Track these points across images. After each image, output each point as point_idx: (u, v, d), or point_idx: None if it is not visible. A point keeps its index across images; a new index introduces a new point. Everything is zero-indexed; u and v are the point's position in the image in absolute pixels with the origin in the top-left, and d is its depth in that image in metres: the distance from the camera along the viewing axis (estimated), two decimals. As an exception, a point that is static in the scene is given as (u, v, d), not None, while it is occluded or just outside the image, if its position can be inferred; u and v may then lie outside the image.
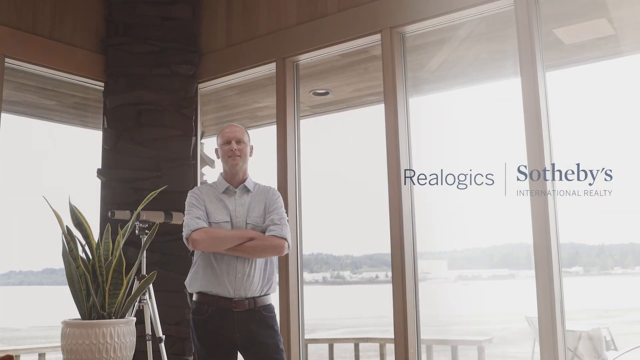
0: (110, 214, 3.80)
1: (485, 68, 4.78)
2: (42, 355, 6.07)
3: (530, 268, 3.29)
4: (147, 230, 3.75)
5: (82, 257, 2.04)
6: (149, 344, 3.71)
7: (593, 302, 21.35)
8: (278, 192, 2.92)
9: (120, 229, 2.09)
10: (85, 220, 2.10)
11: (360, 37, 4.09)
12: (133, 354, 2.03)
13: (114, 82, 4.76)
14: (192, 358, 4.47)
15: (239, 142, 2.83)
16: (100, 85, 4.87)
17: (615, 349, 6.22)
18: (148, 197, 2.25)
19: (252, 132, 2.99)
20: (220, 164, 2.92)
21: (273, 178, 4.35)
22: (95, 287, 2.01)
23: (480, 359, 6.50)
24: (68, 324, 1.95)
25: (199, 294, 2.76)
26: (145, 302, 3.72)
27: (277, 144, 4.39)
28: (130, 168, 4.61)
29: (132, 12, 4.79)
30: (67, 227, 2.07)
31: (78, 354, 1.90)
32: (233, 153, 2.80)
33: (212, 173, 5.33)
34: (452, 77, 4.86)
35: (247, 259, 2.73)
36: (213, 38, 4.93)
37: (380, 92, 3.96)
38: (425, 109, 4.44)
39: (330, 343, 7.22)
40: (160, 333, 3.75)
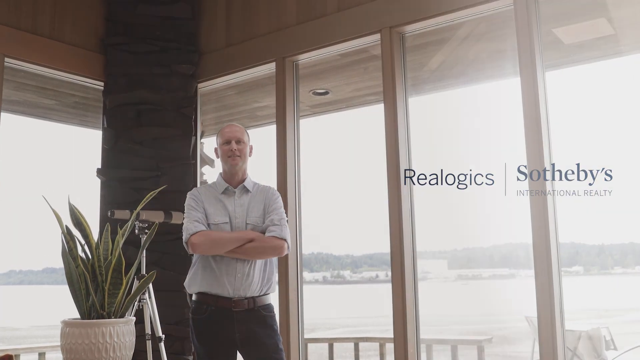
0: (110, 214, 3.80)
1: (485, 68, 4.78)
2: (42, 355, 6.07)
3: (531, 268, 3.29)
4: (146, 230, 3.75)
5: (81, 256, 2.03)
6: (149, 344, 3.71)
7: (593, 301, 21.35)
8: (277, 191, 2.92)
9: (120, 229, 2.09)
10: (85, 220, 2.10)
11: (360, 36, 4.09)
12: (133, 354, 2.04)
13: (114, 81, 4.76)
14: (191, 357, 4.48)
15: (239, 142, 2.82)
16: (100, 85, 4.87)
17: (615, 349, 6.22)
18: (148, 196, 2.25)
19: (251, 131, 2.99)
20: (220, 164, 2.92)
21: (273, 178, 4.36)
22: (95, 286, 2.01)
23: (480, 359, 6.50)
24: (67, 324, 1.95)
25: (199, 294, 2.76)
26: (145, 301, 3.72)
27: (276, 144, 4.39)
28: (130, 168, 4.61)
29: (131, 11, 4.80)
30: (66, 226, 2.07)
31: (77, 354, 1.90)
32: (233, 153, 2.80)
33: (212, 173, 5.34)
34: (451, 76, 4.86)
35: (246, 260, 2.72)
36: (213, 38, 4.94)
37: (380, 91, 3.96)
38: (425, 109, 4.44)
39: (330, 342, 7.23)
40: (160, 332, 3.75)
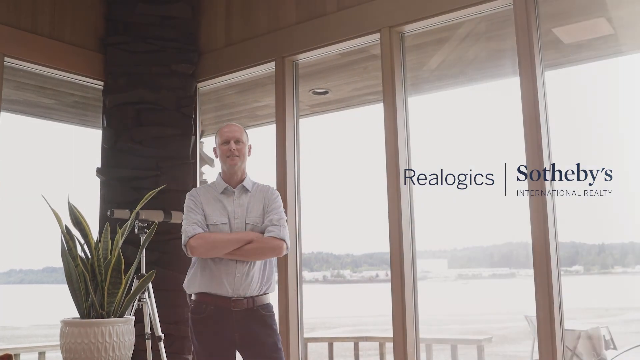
0: (110, 213, 3.81)
1: (485, 67, 4.78)
2: (42, 354, 6.07)
3: (531, 267, 3.29)
4: (146, 229, 3.76)
5: (81, 256, 2.04)
6: (148, 343, 3.72)
7: (593, 301, 21.36)
8: (277, 191, 2.91)
9: (120, 228, 2.10)
10: (84, 220, 2.10)
11: (360, 36, 4.09)
12: (132, 353, 2.04)
13: (114, 81, 4.76)
14: (191, 357, 4.48)
15: (238, 141, 2.82)
16: (100, 84, 4.87)
17: (615, 348, 6.21)
18: (147, 196, 2.26)
19: (251, 131, 2.99)
20: (220, 163, 2.92)
21: (272, 177, 4.36)
22: (94, 286, 2.01)
23: (480, 358, 6.50)
24: (67, 323, 1.95)
25: (198, 294, 2.76)
26: (145, 301, 3.73)
27: (276, 143, 4.39)
28: (130, 167, 4.61)
29: (131, 11, 4.79)
30: (65, 226, 2.07)
31: (77, 353, 1.90)
32: (231, 153, 2.79)
33: (211, 172, 5.34)
34: (451, 76, 4.86)
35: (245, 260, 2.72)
36: (212, 37, 4.94)
37: (380, 91, 3.96)
38: (425, 108, 4.45)
39: (330, 342, 7.23)
40: (160, 332, 3.76)
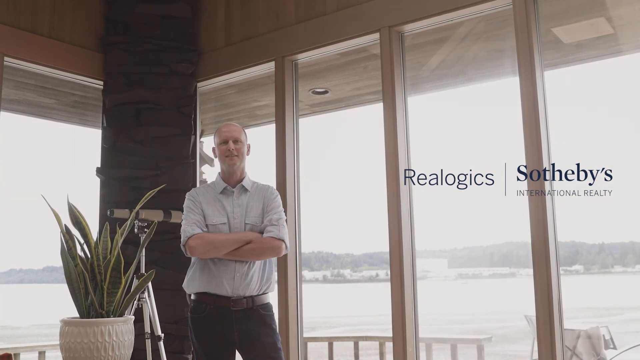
0: (109, 213, 3.81)
1: (484, 67, 4.78)
2: (42, 354, 6.08)
3: (531, 266, 3.29)
4: (146, 229, 3.76)
5: (80, 255, 2.04)
6: (148, 343, 3.72)
7: (593, 300, 21.37)
8: (276, 191, 2.91)
9: (119, 228, 2.10)
10: (84, 219, 2.11)
11: (359, 36, 4.09)
12: (132, 353, 2.04)
13: (113, 80, 4.76)
14: (191, 356, 4.48)
15: (236, 141, 2.82)
16: (100, 84, 4.87)
17: (615, 348, 6.21)
18: (147, 195, 2.26)
19: (251, 130, 3.00)
20: (219, 163, 2.93)
21: (272, 177, 4.36)
22: (94, 285, 2.02)
23: (480, 358, 6.51)
24: (67, 323, 1.96)
25: (197, 294, 2.76)
26: (144, 300, 3.73)
27: (276, 143, 4.40)
28: (130, 167, 4.61)
29: (131, 10, 4.79)
30: (65, 225, 2.07)
31: (76, 352, 1.91)
32: (230, 153, 2.79)
33: (211, 172, 5.34)
34: (450, 76, 4.86)
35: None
36: (212, 37, 4.94)
37: (379, 90, 3.96)
38: (425, 108, 4.45)
39: (330, 341, 7.24)
40: (159, 331, 3.76)
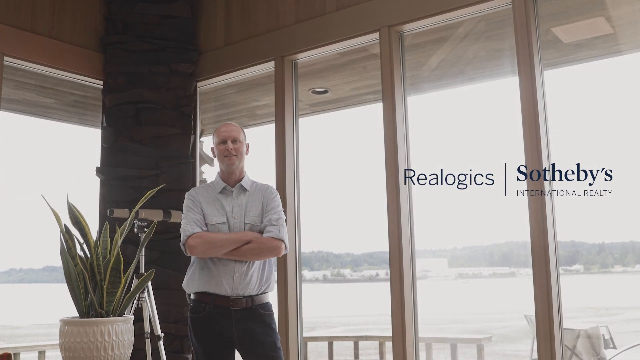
0: (109, 212, 3.81)
1: (484, 67, 4.78)
2: (42, 353, 6.08)
3: (531, 266, 3.29)
4: (145, 229, 3.75)
5: (80, 255, 2.04)
6: (148, 342, 3.72)
7: (593, 300, 21.39)
8: (276, 190, 2.91)
9: (119, 227, 2.10)
10: (84, 219, 2.11)
11: (359, 35, 4.09)
12: (131, 352, 2.04)
13: (113, 80, 4.76)
14: (191, 356, 4.48)
15: (235, 141, 2.81)
16: (99, 84, 4.87)
17: (614, 347, 6.21)
18: (146, 195, 2.26)
19: (251, 130, 3.00)
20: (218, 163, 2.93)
21: (272, 176, 4.36)
22: (94, 285, 2.02)
23: (480, 357, 6.51)
24: (66, 322, 1.96)
25: (197, 293, 2.76)
26: (144, 300, 3.72)
27: (276, 143, 4.40)
28: (129, 166, 4.61)
29: (131, 10, 4.79)
30: (65, 225, 2.08)
31: (76, 352, 1.91)
32: (229, 152, 2.79)
33: (211, 171, 5.35)
34: (450, 75, 4.86)
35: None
36: (212, 36, 4.94)
37: (379, 90, 3.96)
38: (424, 108, 4.45)
39: (330, 341, 7.24)
40: (159, 331, 3.76)
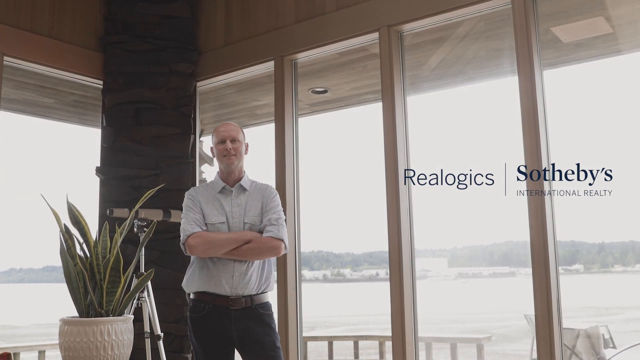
0: (109, 212, 3.81)
1: (484, 66, 4.78)
2: (42, 353, 6.08)
3: (531, 266, 3.29)
4: (145, 228, 3.76)
5: (79, 255, 2.05)
6: (148, 342, 3.72)
7: (593, 299, 21.39)
8: (275, 190, 2.91)
9: (119, 227, 2.11)
10: (83, 218, 2.11)
11: (358, 35, 4.09)
12: (131, 352, 2.05)
13: (113, 80, 4.77)
14: (190, 356, 4.49)
15: (234, 140, 2.82)
16: (99, 84, 4.87)
17: (614, 347, 6.22)
18: (146, 194, 2.27)
19: (251, 130, 3.00)
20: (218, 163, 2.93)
21: (272, 176, 4.36)
22: (93, 284, 2.02)
23: (480, 357, 6.52)
24: (66, 322, 1.96)
25: (196, 293, 2.76)
26: (144, 299, 3.73)
27: (275, 142, 4.40)
28: (129, 166, 4.61)
29: (130, 10, 4.80)
30: (64, 225, 2.08)
31: (76, 352, 1.91)
32: (228, 152, 2.79)
33: (211, 171, 5.35)
34: (450, 75, 4.86)
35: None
36: (212, 36, 4.94)
37: (379, 90, 3.96)
38: (424, 108, 4.45)
39: (330, 340, 7.25)
40: (159, 331, 3.76)
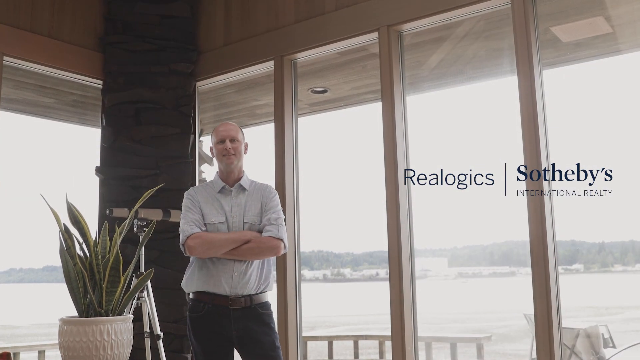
0: (109, 212, 3.81)
1: (483, 66, 4.78)
2: (41, 353, 6.10)
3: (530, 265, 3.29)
4: (145, 228, 3.76)
5: (79, 254, 2.05)
6: (147, 342, 3.72)
7: (593, 299, 21.38)
8: (274, 190, 2.91)
9: (118, 227, 2.11)
10: (83, 218, 2.11)
11: (358, 35, 4.09)
12: (130, 351, 2.05)
13: (113, 80, 4.77)
14: (190, 355, 4.49)
15: (233, 140, 2.82)
16: (99, 83, 4.87)
17: (614, 347, 6.22)
18: (146, 194, 2.27)
19: (250, 129, 3.00)
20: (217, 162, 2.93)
21: (271, 176, 4.36)
22: (93, 284, 2.02)
23: (479, 356, 6.53)
24: (65, 321, 1.96)
25: (196, 293, 2.76)
26: (144, 299, 3.73)
27: (275, 142, 4.40)
28: (129, 166, 4.61)
29: (130, 10, 4.80)
30: (64, 225, 2.08)
31: (75, 351, 1.91)
32: (227, 152, 2.80)
33: (210, 171, 5.35)
34: (449, 75, 4.86)
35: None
36: (211, 36, 4.94)
37: (378, 90, 3.96)
38: (424, 107, 4.45)
39: (330, 340, 7.26)
40: (159, 330, 3.76)
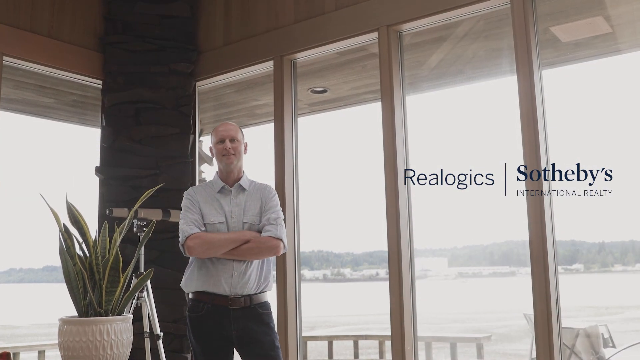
0: (108, 212, 3.82)
1: (483, 66, 4.78)
2: (41, 353, 6.10)
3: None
4: (144, 228, 3.76)
5: (79, 254, 2.05)
6: (147, 341, 3.72)
7: (593, 299, 21.39)
8: (274, 190, 2.92)
9: (118, 227, 2.11)
10: (82, 218, 2.11)
11: (358, 35, 4.09)
12: (130, 351, 2.05)
13: (112, 80, 4.77)
14: (190, 355, 4.49)
15: (233, 140, 2.82)
16: (99, 83, 4.87)
17: (614, 346, 6.22)
18: (145, 194, 2.27)
19: (250, 129, 3.00)
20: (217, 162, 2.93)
21: (271, 176, 4.36)
22: (92, 284, 2.02)
23: (479, 356, 6.53)
24: (65, 321, 1.96)
25: (195, 292, 2.77)
26: (143, 299, 3.73)
27: (275, 142, 4.40)
28: (129, 166, 4.61)
29: (130, 10, 4.80)
30: (64, 224, 2.08)
31: (75, 351, 1.91)
32: (227, 152, 2.80)
33: (210, 171, 5.35)
34: (449, 75, 4.87)
35: None
36: (211, 36, 4.94)
37: (378, 89, 3.97)
38: (423, 107, 4.45)
39: (330, 340, 7.26)
40: (158, 330, 3.76)
